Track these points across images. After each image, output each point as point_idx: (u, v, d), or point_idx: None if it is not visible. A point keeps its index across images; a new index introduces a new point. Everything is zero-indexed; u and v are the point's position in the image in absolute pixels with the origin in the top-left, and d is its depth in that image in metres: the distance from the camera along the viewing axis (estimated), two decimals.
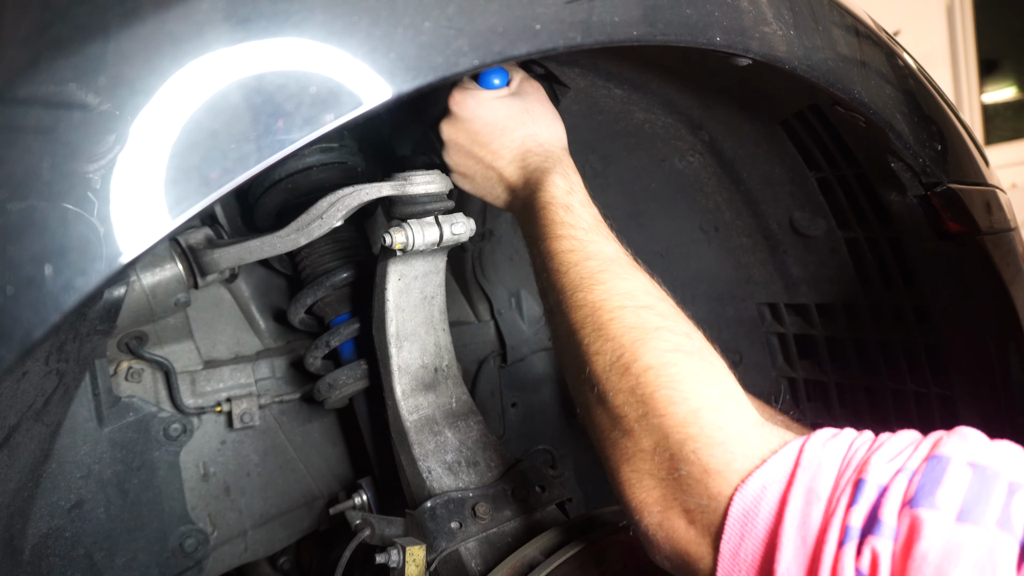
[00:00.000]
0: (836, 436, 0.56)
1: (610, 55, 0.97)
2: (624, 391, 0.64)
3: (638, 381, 0.63)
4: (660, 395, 0.62)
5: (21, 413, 0.72)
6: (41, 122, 0.43)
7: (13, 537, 0.85)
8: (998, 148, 4.11)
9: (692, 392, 0.61)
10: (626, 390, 0.64)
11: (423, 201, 0.97)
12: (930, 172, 0.88)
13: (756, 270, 1.23)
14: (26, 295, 0.42)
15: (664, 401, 0.61)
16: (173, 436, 1.07)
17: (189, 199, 0.45)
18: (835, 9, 0.83)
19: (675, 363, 0.63)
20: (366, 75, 0.49)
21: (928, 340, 1.06)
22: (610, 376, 0.65)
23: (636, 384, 0.63)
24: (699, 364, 0.64)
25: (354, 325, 1.13)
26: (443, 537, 0.90)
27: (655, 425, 0.61)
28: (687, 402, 0.60)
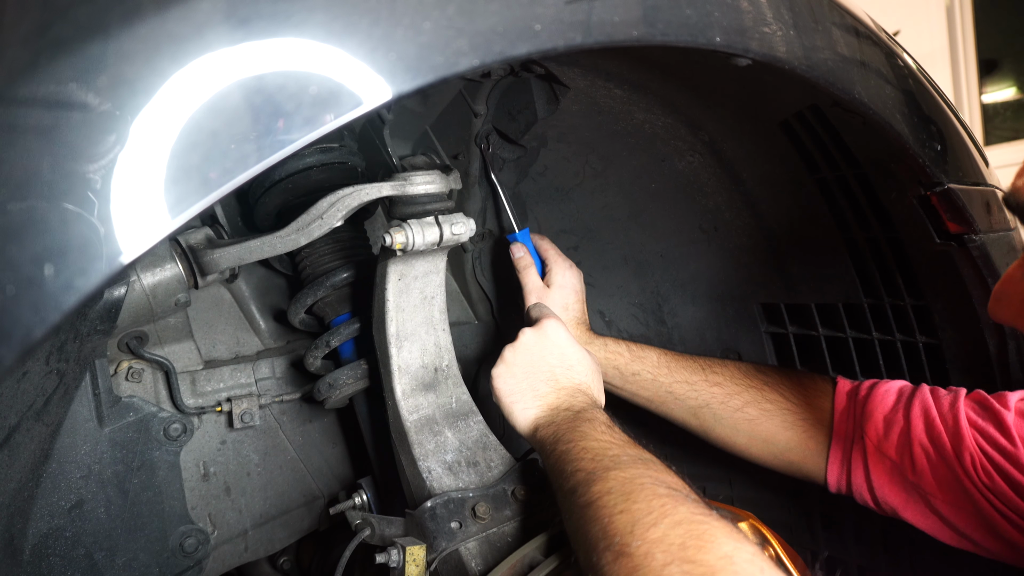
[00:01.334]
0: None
1: (610, 55, 0.97)
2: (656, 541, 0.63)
3: (668, 533, 0.63)
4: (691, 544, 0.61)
5: (21, 413, 0.72)
6: (41, 122, 0.43)
7: (13, 537, 0.85)
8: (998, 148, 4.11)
9: (720, 545, 0.60)
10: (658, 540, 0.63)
11: (423, 201, 0.97)
12: (930, 172, 0.88)
13: (756, 270, 1.22)
14: (26, 295, 0.42)
15: (694, 553, 0.60)
16: (173, 436, 1.07)
17: (189, 199, 0.45)
18: (835, 9, 0.83)
19: (705, 521, 0.64)
20: (366, 75, 0.49)
21: (928, 340, 1.07)
22: (641, 528, 0.65)
23: (666, 535, 0.63)
24: (726, 527, 0.64)
25: (354, 325, 1.14)
26: (443, 537, 0.90)
27: None
28: (716, 554, 0.60)
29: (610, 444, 0.79)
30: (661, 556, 0.60)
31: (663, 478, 0.72)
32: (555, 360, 0.97)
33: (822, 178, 1.02)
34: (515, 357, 0.98)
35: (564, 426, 0.86)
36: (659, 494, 0.68)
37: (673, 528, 0.63)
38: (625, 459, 0.75)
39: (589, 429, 0.83)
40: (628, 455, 0.77)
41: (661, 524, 0.63)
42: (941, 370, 1.07)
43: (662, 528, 0.63)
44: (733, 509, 0.91)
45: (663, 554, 0.60)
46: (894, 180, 0.92)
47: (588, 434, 0.82)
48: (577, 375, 0.96)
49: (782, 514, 1.33)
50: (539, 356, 0.98)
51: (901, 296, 1.06)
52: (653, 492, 0.68)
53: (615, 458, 0.76)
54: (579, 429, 0.84)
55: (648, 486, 0.69)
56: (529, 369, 0.97)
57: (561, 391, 0.94)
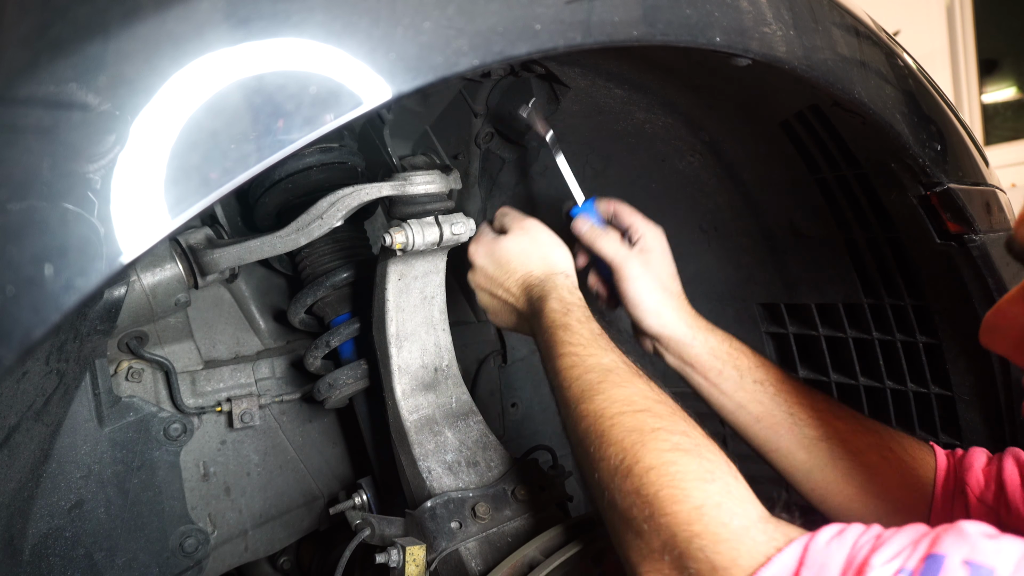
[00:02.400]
0: (841, 534, 0.57)
1: (611, 55, 0.97)
2: (630, 493, 0.66)
3: (641, 482, 0.66)
4: (663, 494, 0.64)
5: (21, 413, 0.72)
6: (41, 122, 0.43)
7: (13, 537, 0.85)
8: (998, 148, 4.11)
9: (693, 489, 0.63)
10: (631, 492, 0.66)
11: (423, 201, 0.97)
12: (930, 172, 0.88)
13: (756, 270, 1.23)
14: (26, 295, 0.42)
15: (668, 500, 0.63)
16: (173, 436, 1.07)
17: (189, 199, 0.45)
18: (835, 9, 0.83)
19: (675, 462, 0.66)
20: (366, 75, 0.49)
21: (928, 340, 1.07)
22: (615, 480, 0.69)
23: (640, 485, 0.66)
24: (698, 461, 0.66)
25: (354, 325, 1.13)
26: (443, 537, 0.90)
27: (662, 524, 0.63)
28: (690, 499, 0.62)
29: (579, 360, 0.80)
30: (638, 512, 0.65)
31: (631, 398, 0.74)
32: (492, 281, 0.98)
33: (822, 178, 1.02)
34: (487, 305, 1.01)
35: (540, 339, 0.89)
36: (629, 429, 0.70)
37: (646, 475, 0.65)
38: (595, 380, 0.77)
39: (557, 339, 0.84)
40: (596, 373, 0.78)
41: (634, 470, 0.67)
42: (941, 370, 1.07)
43: (636, 477, 0.66)
44: None
45: (640, 508, 0.64)
46: (894, 180, 0.92)
47: (557, 351, 0.83)
48: (514, 272, 0.96)
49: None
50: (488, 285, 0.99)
51: (901, 296, 1.06)
52: (623, 429, 0.70)
53: (587, 382, 0.78)
54: (550, 341, 0.85)
55: (618, 421, 0.71)
56: (494, 304, 1.00)
57: (522, 299, 0.95)
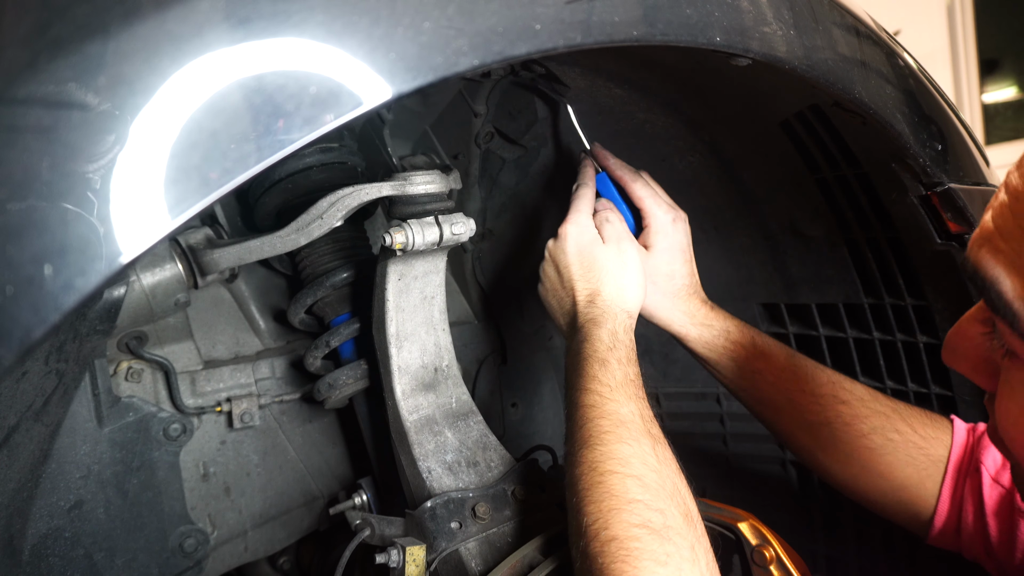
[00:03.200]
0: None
1: (611, 55, 0.97)
2: (592, 556, 0.68)
3: (602, 550, 0.67)
4: (615, 568, 0.65)
5: (21, 413, 0.72)
6: (41, 122, 0.43)
7: (13, 537, 0.85)
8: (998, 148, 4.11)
9: (644, 570, 0.64)
10: (593, 555, 0.68)
11: (423, 201, 0.97)
12: (930, 172, 0.88)
13: (756, 270, 1.22)
14: (26, 295, 0.42)
15: (618, 575, 0.65)
16: (173, 436, 1.07)
17: (189, 199, 0.45)
18: (835, 9, 0.83)
19: (638, 538, 0.67)
20: (366, 75, 0.49)
21: (929, 340, 1.06)
22: (585, 538, 0.70)
23: (599, 552, 0.67)
24: (660, 542, 0.67)
25: (354, 325, 1.13)
26: (443, 537, 0.90)
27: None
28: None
29: (601, 402, 0.80)
30: (595, 571, 0.66)
31: (628, 459, 0.74)
32: (565, 271, 0.97)
33: (822, 178, 1.02)
34: (544, 279, 1.01)
35: (574, 359, 0.87)
36: (611, 493, 0.71)
37: (608, 544, 0.67)
38: (605, 429, 0.77)
39: (590, 372, 0.83)
40: (610, 421, 0.78)
41: (600, 536, 0.68)
42: (942, 370, 1.07)
43: (599, 543, 0.67)
44: (733, 509, 0.91)
45: (596, 570, 0.66)
46: (895, 180, 0.92)
47: (584, 384, 0.83)
48: (589, 281, 0.95)
49: (782, 514, 1.33)
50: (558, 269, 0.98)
51: (902, 296, 1.06)
52: (607, 491, 0.71)
53: (597, 428, 0.77)
54: (583, 370, 0.84)
55: (606, 480, 0.72)
56: (552, 286, 1.00)
57: (577, 308, 0.95)
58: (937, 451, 0.91)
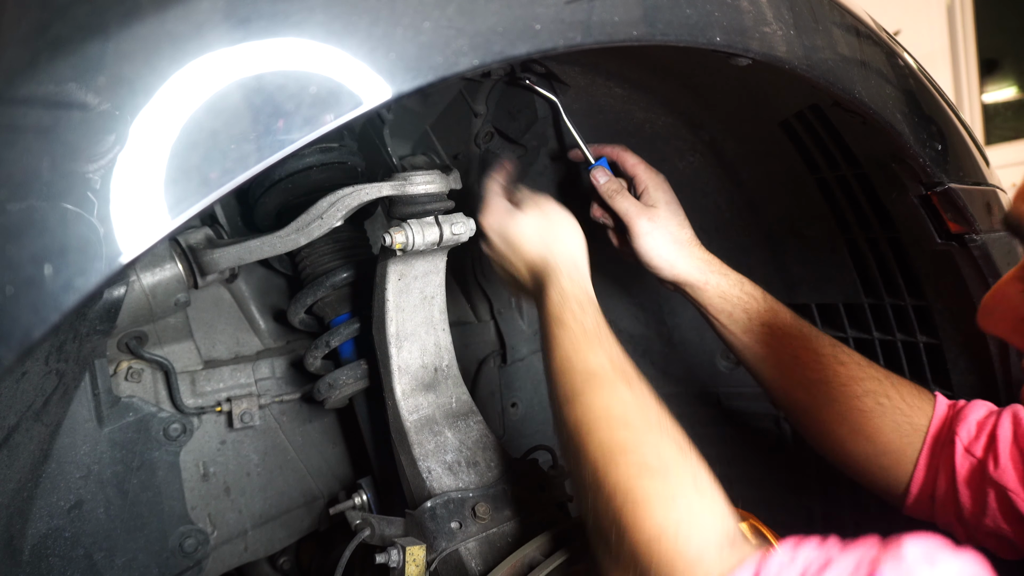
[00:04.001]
0: (795, 551, 0.60)
1: (611, 55, 0.97)
2: (599, 510, 0.69)
3: (607, 503, 0.68)
4: (625, 518, 0.66)
5: (21, 413, 0.72)
6: (41, 122, 0.43)
7: (13, 537, 0.85)
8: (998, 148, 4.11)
9: (654, 514, 0.65)
10: (600, 509, 0.69)
11: (423, 201, 0.97)
12: (930, 172, 0.88)
13: (756, 270, 1.22)
14: (26, 295, 0.42)
15: (629, 524, 0.66)
16: (173, 436, 1.07)
17: (189, 199, 0.45)
18: (835, 9, 0.83)
19: (639, 485, 0.67)
20: (366, 75, 0.49)
21: (929, 340, 1.06)
22: (589, 494, 0.72)
23: (606, 505, 0.68)
24: (662, 483, 0.67)
25: (354, 325, 1.13)
26: (443, 537, 0.90)
27: (626, 546, 0.66)
28: (649, 526, 0.65)
29: (568, 361, 0.81)
30: (606, 529, 0.68)
31: (608, 407, 0.75)
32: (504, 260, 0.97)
33: (822, 178, 1.02)
34: (486, 248, 1.00)
35: (541, 329, 0.88)
36: (603, 444, 0.71)
37: (612, 496, 0.68)
38: (579, 386, 0.78)
39: (552, 335, 0.84)
40: (581, 376, 0.79)
41: (603, 488, 0.69)
42: (942, 370, 1.07)
43: (603, 496, 0.68)
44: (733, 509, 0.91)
45: (607, 527, 0.68)
46: (895, 180, 0.92)
47: (550, 348, 0.84)
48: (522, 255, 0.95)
49: (782, 514, 1.33)
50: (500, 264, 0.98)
51: (902, 296, 1.06)
52: (598, 442, 0.72)
53: (572, 387, 0.79)
54: (547, 336, 0.86)
55: (594, 433, 0.73)
56: (508, 279, 0.99)
57: (527, 284, 0.95)
58: (919, 420, 0.95)
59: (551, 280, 0.90)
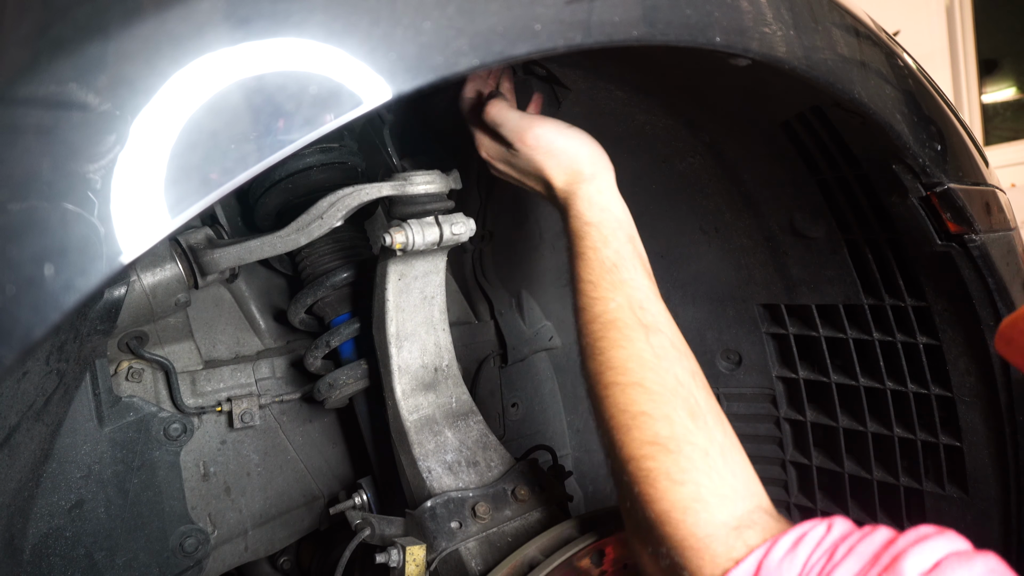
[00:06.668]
0: (795, 547, 0.59)
1: (611, 57, 0.97)
2: (617, 473, 0.69)
3: (622, 471, 0.68)
4: (637, 491, 0.66)
5: (21, 413, 0.72)
6: (41, 122, 0.43)
7: (13, 537, 0.85)
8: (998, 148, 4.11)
9: (664, 492, 0.65)
10: (617, 473, 0.69)
11: (423, 201, 0.97)
12: (930, 172, 0.88)
13: (756, 271, 1.22)
14: (26, 295, 0.42)
15: (641, 497, 0.66)
16: (173, 436, 1.07)
17: (189, 199, 0.45)
18: (835, 9, 0.83)
19: (651, 457, 0.67)
20: (366, 75, 0.49)
21: (929, 341, 1.06)
22: (609, 456, 0.72)
23: (621, 473, 0.68)
24: (673, 458, 0.66)
25: (354, 325, 1.14)
26: (443, 537, 0.90)
27: (638, 520, 0.66)
28: (659, 502, 0.65)
29: (588, 304, 0.77)
30: (623, 494, 0.69)
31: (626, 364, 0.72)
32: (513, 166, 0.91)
33: (822, 178, 1.02)
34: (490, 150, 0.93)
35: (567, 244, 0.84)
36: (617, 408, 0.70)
37: (626, 465, 0.68)
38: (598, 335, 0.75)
39: (574, 272, 0.81)
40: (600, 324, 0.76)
41: (618, 456, 0.69)
42: (942, 371, 1.07)
43: (619, 463, 0.69)
44: None
45: (624, 493, 0.69)
46: (894, 180, 0.92)
47: (574, 286, 0.80)
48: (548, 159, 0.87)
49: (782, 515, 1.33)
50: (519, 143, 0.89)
51: (902, 297, 1.06)
52: (613, 405, 0.71)
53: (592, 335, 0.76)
54: (571, 270, 0.82)
55: (609, 394, 0.71)
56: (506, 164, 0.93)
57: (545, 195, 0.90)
58: None
59: (571, 203, 0.84)
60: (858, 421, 1.18)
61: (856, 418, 1.19)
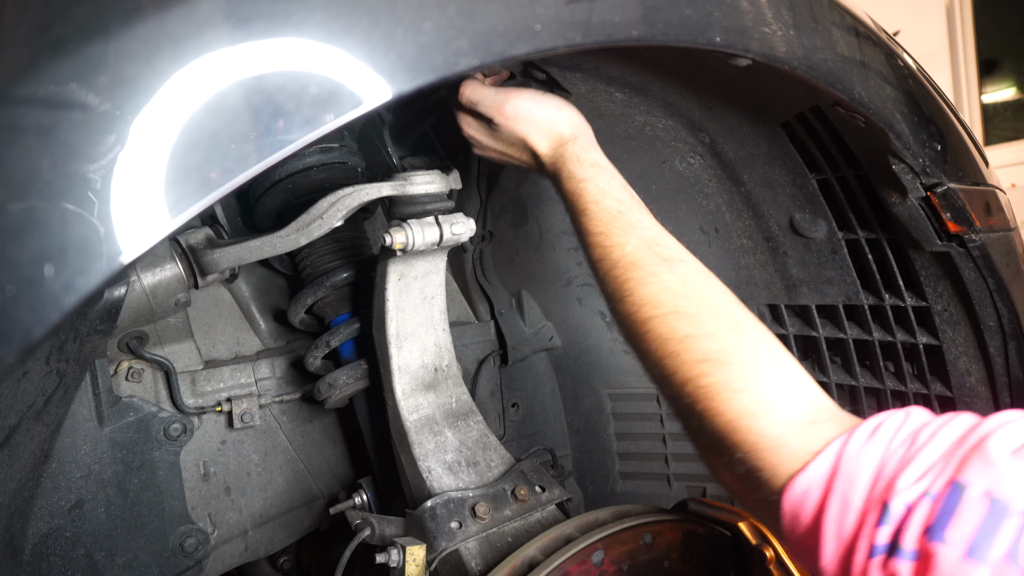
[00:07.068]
0: (873, 435, 0.58)
1: (611, 58, 0.97)
2: (676, 399, 0.70)
3: (680, 393, 0.68)
4: (700, 408, 0.66)
5: (22, 413, 0.72)
6: (41, 122, 0.43)
7: (13, 537, 0.85)
8: (998, 148, 4.11)
9: (727, 402, 0.65)
10: (676, 398, 0.69)
11: (423, 201, 0.97)
12: (930, 172, 0.88)
13: (757, 271, 1.22)
14: (26, 295, 0.42)
15: (705, 414, 0.66)
16: (173, 436, 1.07)
17: (189, 199, 0.45)
18: (835, 9, 0.83)
19: (706, 373, 0.67)
20: (366, 75, 0.49)
21: (929, 341, 1.06)
22: (663, 387, 0.71)
23: (680, 396, 0.68)
24: (727, 370, 0.66)
25: (354, 325, 1.14)
26: (443, 537, 0.90)
27: (707, 434, 0.66)
28: (724, 413, 0.64)
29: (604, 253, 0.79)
30: (687, 418, 0.69)
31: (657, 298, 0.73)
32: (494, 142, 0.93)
33: (822, 178, 1.02)
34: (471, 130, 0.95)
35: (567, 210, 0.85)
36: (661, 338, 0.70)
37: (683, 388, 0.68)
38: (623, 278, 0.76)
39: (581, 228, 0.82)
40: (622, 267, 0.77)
41: (673, 381, 0.69)
42: (942, 371, 1.07)
43: (675, 387, 0.69)
44: (733, 508, 0.91)
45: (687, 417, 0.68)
46: (895, 180, 0.92)
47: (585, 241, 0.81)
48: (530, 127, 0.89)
49: None
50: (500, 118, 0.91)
51: (901, 297, 1.06)
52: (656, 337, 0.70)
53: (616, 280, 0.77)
54: (576, 228, 0.83)
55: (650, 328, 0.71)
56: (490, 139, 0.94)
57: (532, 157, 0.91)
58: None
59: (561, 166, 0.86)
60: None
61: None
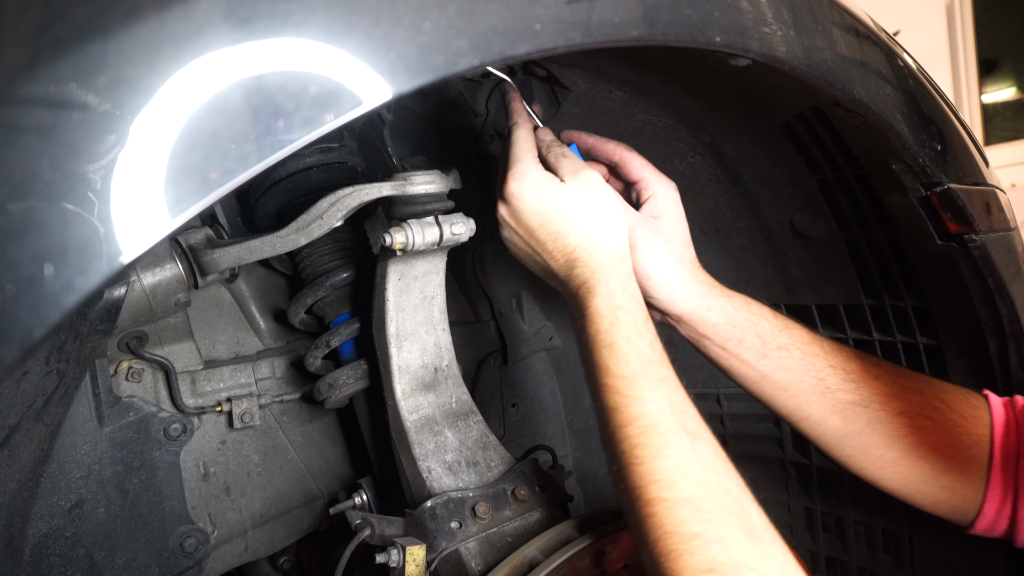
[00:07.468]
0: None
1: (611, 57, 0.97)
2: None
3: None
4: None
5: (21, 413, 0.72)
6: (41, 122, 0.43)
7: (13, 537, 0.85)
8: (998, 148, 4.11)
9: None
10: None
11: (423, 201, 0.97)
12: (930, 172, 0.88)
13: (756, 271, 1.22)
14: (26, 295, 0.42)
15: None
16: (173, 436, 1.07)
17: (189, 199, 0.45)
18: (835, 9, 0.83)
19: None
20: (366, 75, 0.49)
21: (929, 341, 1.06)
22: None
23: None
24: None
25: (354, 325, 1.14)
26: (443, 537, 0.90)
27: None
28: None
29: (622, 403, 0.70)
30: None
31: (671, 478, 0.66)
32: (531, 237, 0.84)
33: (823, 178, 1.02)
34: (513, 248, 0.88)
35: (581, 340, 0.77)
36: (665, 530, 0.64)
37: (654, 546, 0.64)
38: (636, 441, 0.68)
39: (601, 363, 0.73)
40: (638, 428, 0.69)
41: (651, 539, 0.64)
42: (942, 371, 1.07)
43: (652, 541, 0.64)
44: None
45: None
46: (894, 180, 0.92)
47: (600, 379, 0.73)
48: (560, 238, 0.81)
49: (782, 514, 1.33)
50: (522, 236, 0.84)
51: (902, 297, 1.06)
52: (660, 526, 0.64)
53: (628, 441, 0.69)
54: (594, 360, 0.74)
55: (655, 512, 0.65)
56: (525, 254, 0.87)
57: (559, 274, 0.82)
58: (979, 430, 0.82)
59: (598, 284, 0.77)
60: None
61: None
